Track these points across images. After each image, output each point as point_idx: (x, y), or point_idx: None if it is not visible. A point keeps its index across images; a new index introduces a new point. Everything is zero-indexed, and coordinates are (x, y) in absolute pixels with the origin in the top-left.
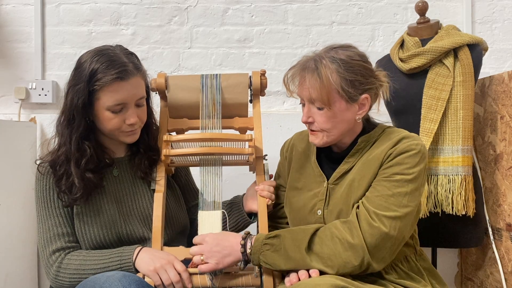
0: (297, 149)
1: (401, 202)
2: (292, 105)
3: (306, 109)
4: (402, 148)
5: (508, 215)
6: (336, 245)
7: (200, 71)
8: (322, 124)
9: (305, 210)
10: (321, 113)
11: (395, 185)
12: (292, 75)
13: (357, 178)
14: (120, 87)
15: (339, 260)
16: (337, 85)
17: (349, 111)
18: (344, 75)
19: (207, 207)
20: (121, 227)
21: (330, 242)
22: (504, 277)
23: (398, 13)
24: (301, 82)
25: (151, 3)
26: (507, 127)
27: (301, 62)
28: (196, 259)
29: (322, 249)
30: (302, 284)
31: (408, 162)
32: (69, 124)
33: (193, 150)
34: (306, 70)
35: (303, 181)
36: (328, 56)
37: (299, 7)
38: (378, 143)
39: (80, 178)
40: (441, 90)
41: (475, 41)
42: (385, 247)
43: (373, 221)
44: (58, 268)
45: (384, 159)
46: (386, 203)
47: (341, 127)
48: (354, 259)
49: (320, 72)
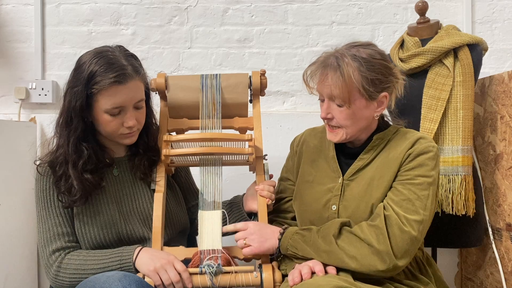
0: (309, 144)
1: (425, 205)
2: (292, 105)
3: (325, 106)
4: (421, 149)
5: (508, 215)
6: (363, 248)
7: (200, 71)
8: (341, 121)
9: (318, 204)
10: (341, 110)
11: (419, 188)
12: (313, 72)
13: (376, 177)
14: (118, 90)
15: (364, 262)
16: (359, 83)
17: (368, 108)
18: (365, 74)
19: (207, 207)
20: (121, 227)
21: (358, 243)
22: (504, 277)
23: (398, 13)
24: (322, 79)
25: (151, 3)
26: (507, 127)
27: (321, 59)
28: (240, 243)
29: (349, 247)
30: (305, 284)
31: (428, 164)
32: (67, 126)
33: (193, 150)
34: (328, 67)
35: (314, 175)
36: (350, 54)
37: (299, 7)
38: (393, 142)
39: (78, 180)
40: (441, 90)
41: (475, 41)
42: (413, 250)
43: (404, 226)
44: (58, 268)
45: (404, 160)
46: (414, 206)
47: (360, 124)
48: (379, 264)
49: (343, 70)
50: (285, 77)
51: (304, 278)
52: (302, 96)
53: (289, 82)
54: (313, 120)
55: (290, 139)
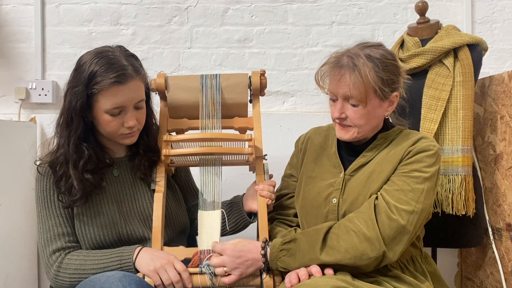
0: (313, 142)
1: (418, 198)
2: (292, 105)
3: (339, 106)
4: (421, 146)
5: (508, 215)
6: (352, 238)
7: (200, 71)
8: (355, 120)
9: (320, 198)
10: (356, 110)
11: (414, 181)
12: (326, 73)
13: (376, 171)
14: (118, 91)
15: (355, 252)
16: (375, 84)
17: (381, 108)
18: (380, 75)
19: (207, 207)
20: (121, 227)
21: (346, 235)
22: (504, 277)
23: (398, 13)
24: (338, 79)
25: (151, 3)
26: (507, 127)
27: (333, 60)
28: (219, 271)
29: (338, 243)
30: (303, 285)
31: (426, 160)
32: (67, 126)
33: (193, 150)
34: (343, 67)
35: (317, 171)
36: (364, 54)
37: (299, 7)
38: (396, 141)
39: (78, 180)
40: (441, 90)
41: (475, 41)
42: (401, 240)
43: (392, 214)
44: (58, 268)
45: (404, 156)
46: (406, 197)
47: (372, 123)
48: (370, 250)
49: (360, 70)
50: (285, 77)
51: (302, 280)
52: (302, 96)
53: (289, 82)
54: (313, 120)
55: (290, 139)
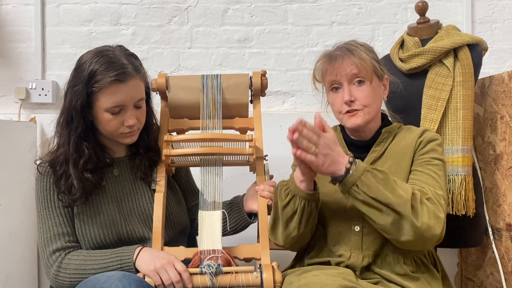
0: None
1: (444, 183)
2: (292, 105)
3: (346, 89)
4: (429, 136)
5: (508, 215)
6: (431, 213)
7: (200, 71)
8: (364, 100)
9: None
10: (362, 88)
11: (437, 169)
12: (325, 65)
13: (395, 164)
14: (119, 89)
15: (425, 220)
16: (372, 60)
17: (380, 88)
18: (372, 55)
19: (207, 207)
20: (121, 227)
21: (425, 207)
22: (504, 277)
23: (398, 13)
24: (337, 66)
25: (151, 3)
26: (507, 127)
27: (326, 54)
28: (307, 145)
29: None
30: (310, 284)
31: (437, 149)
32: (68, 125)
33: (194, 150)
34: (340, 55)
35: None
36: (352, 43)
37: (299, 7)
38: (400, 135)
39: (78, 179)
40: (441, 90)
41: (475, 41)
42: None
43: (439, 199)
44: (58, 268)
45: (417, 147)
46: (438, 183)
47: (378, 103)
48: (438, 228)
49: (357, 51)
50: (285, 77)
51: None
52: (302, 96)
53: (289, 82)
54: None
55: None
